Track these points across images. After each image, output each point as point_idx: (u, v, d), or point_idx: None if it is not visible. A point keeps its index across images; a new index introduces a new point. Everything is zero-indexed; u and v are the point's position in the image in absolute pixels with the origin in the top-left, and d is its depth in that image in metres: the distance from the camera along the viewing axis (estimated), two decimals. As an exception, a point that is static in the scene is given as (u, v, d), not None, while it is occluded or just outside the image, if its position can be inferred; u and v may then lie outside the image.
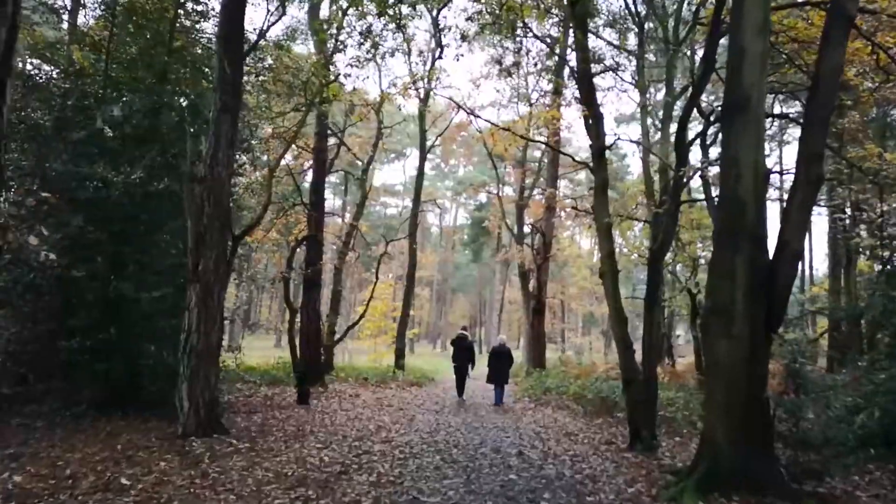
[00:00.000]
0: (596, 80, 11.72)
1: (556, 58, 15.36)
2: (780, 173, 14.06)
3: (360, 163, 21.61)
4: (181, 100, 10.95)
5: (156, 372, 9.49)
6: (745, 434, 5.68)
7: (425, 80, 17.45)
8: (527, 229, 24.33)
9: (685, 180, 8.96)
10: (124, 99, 10.08)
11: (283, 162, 17.98)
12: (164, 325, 9.16)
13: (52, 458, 6.30)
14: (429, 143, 22.63)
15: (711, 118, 10.90)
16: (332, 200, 45.12)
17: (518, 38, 10.89)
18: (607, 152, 9.05)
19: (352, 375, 17.16)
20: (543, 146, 24.58)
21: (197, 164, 7.93)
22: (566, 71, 15.94)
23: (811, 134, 5.78)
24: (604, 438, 8.98)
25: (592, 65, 9.95)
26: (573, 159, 11.98)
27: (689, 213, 15.52)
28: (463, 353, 14.27)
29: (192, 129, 9.47)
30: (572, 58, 11.41)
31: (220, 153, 7.96)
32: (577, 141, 44.33)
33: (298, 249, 15.81)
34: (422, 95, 19.99)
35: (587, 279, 36.43)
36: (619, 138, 8.97)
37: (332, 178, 44.05)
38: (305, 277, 15.50)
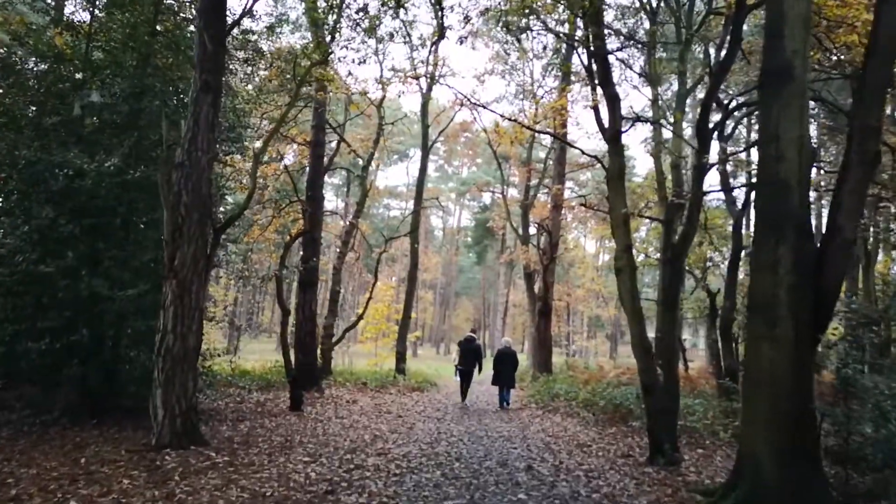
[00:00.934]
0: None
1: (565, 46, 14.65)
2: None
3: (360, 160, 20.92)
4: (168, 87, 10.29)
5: (133, 377, 8.82)
6: (790, 449, 4.93)
7: (428, 66, 16.73)
8: (532, 230, 23.58)
9: (707, 168, 8.26)
10: (103, 84, 9.42)
11: (281, 163, 17.36)
12: (142, 325, 8.46)
13: (2, 475, 5.59)
14: (432, 139, 21.94)
15: (730, 108, 10.24)
16: (334, 202, 44.64)
17: (525, 22, 10.11)
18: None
19: (350, 380, 16.41)
20: (549, 147, 23.96)
21: (174, 149, 7.22)
22: (575, 59, 15.23)
23: (866, 104, 5.03)
24: (620, 450, 8.21)
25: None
26: (582, 152, 11.27)
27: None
28: (470, 356, 13.72)
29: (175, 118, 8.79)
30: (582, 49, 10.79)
31: (199, 136, 7.22)
32: (584, 142, 43.70)
33: (294, 247, 15.11)
34: (423, 86, 19.32)
35: (595, 280, 35.63)
36: (639, 118, 8.18)
37: (334, 180, 43.65)
38: (301, 277, 14.79)
